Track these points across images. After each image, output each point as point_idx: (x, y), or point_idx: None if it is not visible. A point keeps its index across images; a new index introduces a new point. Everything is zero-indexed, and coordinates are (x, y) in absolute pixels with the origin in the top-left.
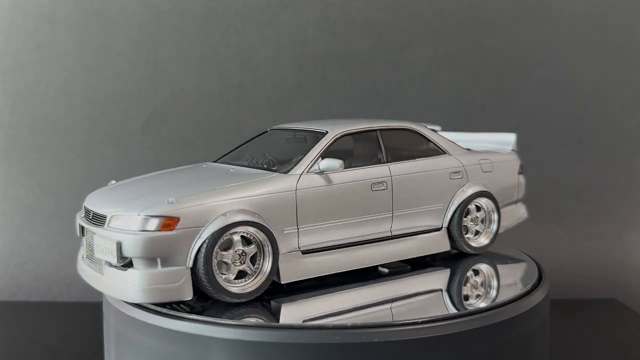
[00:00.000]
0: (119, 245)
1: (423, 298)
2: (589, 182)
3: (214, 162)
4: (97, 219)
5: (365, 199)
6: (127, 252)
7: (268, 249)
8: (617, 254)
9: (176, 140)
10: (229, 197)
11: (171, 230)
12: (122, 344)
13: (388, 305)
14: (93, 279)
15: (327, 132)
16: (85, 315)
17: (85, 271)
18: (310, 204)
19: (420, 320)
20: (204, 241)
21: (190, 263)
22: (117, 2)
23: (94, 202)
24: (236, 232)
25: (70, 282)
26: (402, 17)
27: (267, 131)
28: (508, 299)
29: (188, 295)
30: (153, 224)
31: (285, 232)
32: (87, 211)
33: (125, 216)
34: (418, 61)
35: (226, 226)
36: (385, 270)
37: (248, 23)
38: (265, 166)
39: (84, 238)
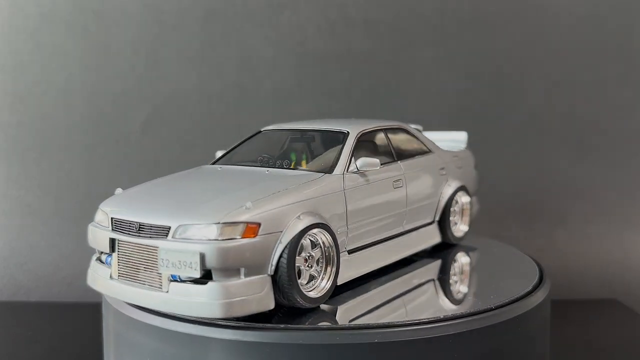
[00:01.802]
0: (202, 257)
1: (422, 297)
2: (590, 182)
3: (213, 164)
4: (154, 231)
5: (390, 195)
6: (212, 263)
7: (333, 250)
8: (618, 254)
9: (176, 140)
10: (295, 200)
11: (254, 237)
12: (122, 345)
13: (390, 305)
14: (145, 298)
15: (348, 132)
16: (84, 316)
17: (126, 291)
18: (354, 203)
19: (420, 320)
20: (286, 246)
21: (272, 270)
22: (117, 2)
23: (132, 212)
24: (307, 236)
25: (70, 282)
26: (403, 17)
27: (260, 131)
28: (509, 299)
29: (271, 304)
30: (236, 231)
31: (338, 232)
32: (127, 223)
33: (198, 225)
34: (418, 61)
35: (304, 229)
36: None
37: (248, 23)
38: (285, 166)
39: (114, 254)
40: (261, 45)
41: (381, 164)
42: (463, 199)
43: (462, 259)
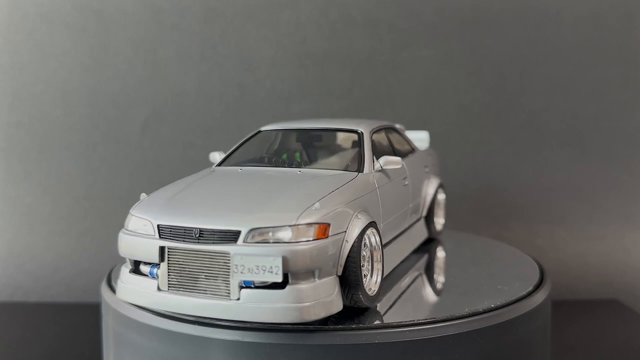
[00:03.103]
0: (285, 261)
1: (422, 297)
2: (590, 182)
3: (219, 165)
4: (220, 236)
5: (402, 193)
6: (293, 266)
7: (379, 247)
8: (619, 254)
9: (175, 140)
10: (349, 199)
11: (325, 237)
12: (121, 345)
13: (390, 305)
14: (209, 308)
15: (362, 131)
16: (83, 316)
17: (181, 303)
18: (384, 201)
19: (420, 321)
20: (352, 245)
21: (340, 271)
22: (116, 1)
23: (186, 218)
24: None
25: (69, 283)
26: (403, 17)
27: (260, 131)
28: (509, 300)
29: (341, 306)
30: (309, 232)
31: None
32: (181, 229)
33: (272, 228)
34: (418, 61)
35: (364, 228)
36: None
37: (248, 22)
38: (304, 166)
39: (163, 264)
40: (261, 45)
41: None
42: (440, 195)
43: (462, 259)
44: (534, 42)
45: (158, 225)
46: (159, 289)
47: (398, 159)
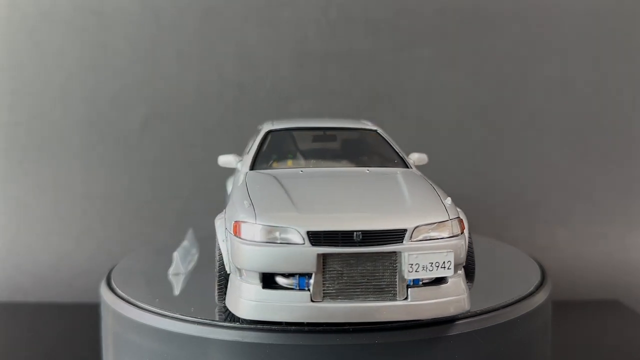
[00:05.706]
0: (456, 255)
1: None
2: (591, 182)
3: (251, 169)
4: (387, 237)
5: None
6: (459, 260)
7: None
8: (619, 255)
9: (175, 140)
10: (443, 193)
11: (463, 232)
12: (120, 346)
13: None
14: (373, 312)
15: (380, 131)
16: (83, 316)
17: (341, 311)
18: None
19: (420, 322)
20: (469, 236)
21: (464, 262)
22: (115, 1)
23: (342, 221)
24: None
25: (69, 283)
26: (403, 16)
27: (269, 132)
28: (510, 300)
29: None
30: (457, 226)
31: None
32: (340, 234)
33: (432, 224)
34: (418, 61)
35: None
36: None
37: (247, 22)
38: (346, 165)
39: (317, 273)
40: (261, 44)
41: None
42: None
43: None
44: (535, 42)
45: (308, 232)
46: (312, 299)
47: (424, 155)
